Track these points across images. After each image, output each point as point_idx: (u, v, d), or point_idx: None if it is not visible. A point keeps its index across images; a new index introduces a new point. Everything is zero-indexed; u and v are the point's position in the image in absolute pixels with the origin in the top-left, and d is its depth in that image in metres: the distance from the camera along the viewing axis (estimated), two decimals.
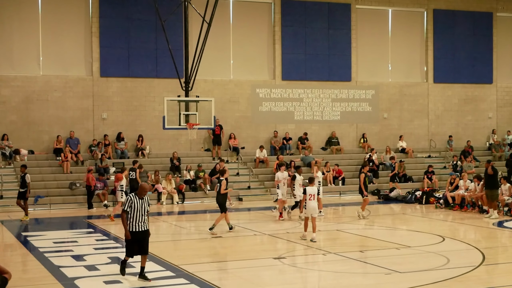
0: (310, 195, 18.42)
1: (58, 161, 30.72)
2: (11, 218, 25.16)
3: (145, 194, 13.27)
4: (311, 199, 18.33)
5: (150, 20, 31.82)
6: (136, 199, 13.05)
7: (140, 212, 13.05)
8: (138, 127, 32.81)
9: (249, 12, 35.03)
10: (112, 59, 32.37)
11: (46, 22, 31.73)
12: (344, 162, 34.36)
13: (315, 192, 18.74)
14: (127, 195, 15.36)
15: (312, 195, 18.43)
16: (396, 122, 37.67)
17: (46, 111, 31.54)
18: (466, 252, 16.80)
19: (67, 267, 15.11)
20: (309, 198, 18.34)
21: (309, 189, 18.50)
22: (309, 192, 18.48)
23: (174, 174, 31.10)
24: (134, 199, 13.05)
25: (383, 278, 13.79)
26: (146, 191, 13.29)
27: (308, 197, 18.40)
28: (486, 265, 15.02)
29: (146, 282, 13.13)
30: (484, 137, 39.48)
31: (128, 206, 13.02)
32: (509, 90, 40.07)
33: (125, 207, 13.08)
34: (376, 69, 37.44)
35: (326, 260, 15.93)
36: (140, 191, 13.15)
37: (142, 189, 13.21)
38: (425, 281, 13.18)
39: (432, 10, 38.13)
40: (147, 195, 13.41)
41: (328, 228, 21.27)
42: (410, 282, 13.05)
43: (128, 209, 13.00)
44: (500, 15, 39.63)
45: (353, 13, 36.52)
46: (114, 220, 22.70)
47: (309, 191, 18.47)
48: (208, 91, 32.49)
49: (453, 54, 38.59)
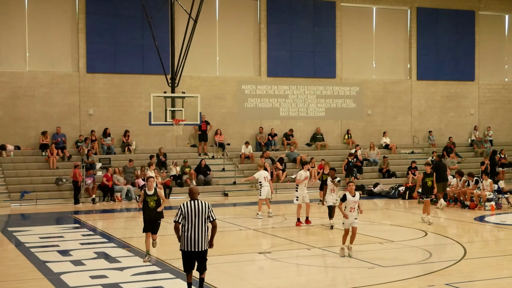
0: (354, 202, 15.04)
1: (45, 156, 30.56)
2: None
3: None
4: (352, 210, 15.04)
5: (136, 16, 31.72)
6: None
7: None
8: (125, 123, 32.70)
9: (235, 9, 34.99)
10: (98, 55, 32.22)
11: (33, 18, 31.52)
12: (328, 158, 34.27)
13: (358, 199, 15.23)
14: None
15: (354, 205, 15.06)
16: (380, 118, 37.78)
17: (33, 107, 31.36)
18: (448, 247, 16.91)
19: (53, 262, 15.06)
20: (350, 209, 15.04)
21: (350, 197, 15.06)
22: (351, 200, 15.05)
23: (160, 169, 31.03)
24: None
25: (367, 272, 13.83)
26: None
27: (348, 209, 15.05)
28: (468, 259, 15.11)
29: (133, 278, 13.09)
30: (466, 134, 39.70)
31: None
32: (490, 87, 40.30)
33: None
34: (361, 66, 37.53)
35: (310, 255, 15.96)
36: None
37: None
38: (408, 275, 13.26)
39: (415, 8, 38.25)
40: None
41: (313, 222, 21.28)
42: (393, 276, 13.11)
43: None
44: (482, 14, 39.81)
45: (338, 10, 36.57)
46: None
47: (351, 199, 15.04)
48: (194, 87, 32.44)
49: (436, 51, 38.75)
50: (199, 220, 11.01)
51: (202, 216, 11.06)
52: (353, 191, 14.99)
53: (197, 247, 11.00)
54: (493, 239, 18.73)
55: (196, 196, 11.35)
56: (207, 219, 11.11)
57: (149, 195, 14.99)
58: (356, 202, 14.95)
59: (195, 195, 11.36)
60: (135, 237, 19.38)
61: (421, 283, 12.52)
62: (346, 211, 14.89)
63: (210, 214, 11.13)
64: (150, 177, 15.57)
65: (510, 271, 14.18)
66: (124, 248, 17.05)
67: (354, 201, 14.94)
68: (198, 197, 11.38)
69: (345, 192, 15.29)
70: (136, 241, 18.39)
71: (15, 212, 26.02)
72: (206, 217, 11.10)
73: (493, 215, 22.90)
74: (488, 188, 24.70)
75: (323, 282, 13.26)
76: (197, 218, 11.01)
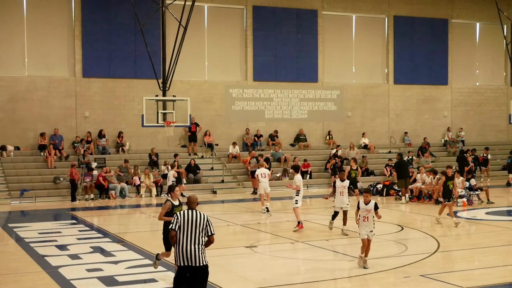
0: (367, 211, 13.38)
1: (43, 156, 30.47)
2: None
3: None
4: (365, 220, 13.43)
5: (129, 24, 31.64)
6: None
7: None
8: (118, 124, 32.64)
9: (223, 17, 34.99)
10: (93, 61, 32.14)
11: (31, 25, 31.40)
12: (311, 158, 34.48)
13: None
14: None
15: (366, 214, 13.42)
16: (359, 120, 37.90)
17: (31, 110, 31.23)
18: (423, 240, 17.00)
19: (51, 256, 15.05)
20: (363, 219, 13.45)
21: (363, 204, 13.50)
22: (363, 208, 13.46)
23: (152, 169, 31.03)
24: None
25: (347, 264, 13.91)
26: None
27: (362, 218, 13.48)
28: (441, 252, 15.23)
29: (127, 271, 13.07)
30: (440, 134, 39.90)
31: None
32: (462, 91, 40.53)
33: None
34: (341, 71, 37.62)
35: (294, 249, 16.03)
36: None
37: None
38: (385, 267, 13.34)
39: (392, 17, 38.41)
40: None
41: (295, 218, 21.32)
42: (372, 268, 13.18)
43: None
44: (455, 22, 40.03)
45: (320, 18, 36.66)
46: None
47: (363, 207, 13.48)
48: (184, 91, 32.41)
49: (412, 57, 38.92)
50: (195, 232, 9.39)
51: (198, 228, 9.42)
52: (368, 200, 13.34)
53: (193, 261, 9.26)
54: (464, 233, 18.86)
55: (195, 205, 9.77)
56: (204, 233, 9.47)
57: (176, 205, 12.38)
58: (368, 211, 13.20)
59: (193, 204, 9.77)
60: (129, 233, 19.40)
61: (398, 274, 12.61)
62: (360, 220, 13.32)
63: (209, 228, 9.50)
64: (176, 185, 13.06)
65: (481, 263, 14.30)
66: (119, 242, 17.05)
67: (366, 210, 13.25)
68: (197, 207, 9.80)
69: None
70: (130, 236, 18.40)
71: (15, 209, 25.92)
72: (203, 230, 9.44)
73: (465, 211, 23.05)
74: (460, 185, 24.87)
75: (305, 274, 13.34)
76: (193, 229, 9.39)
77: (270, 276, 12.82)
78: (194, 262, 9.23)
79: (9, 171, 29.25)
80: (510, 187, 32.11)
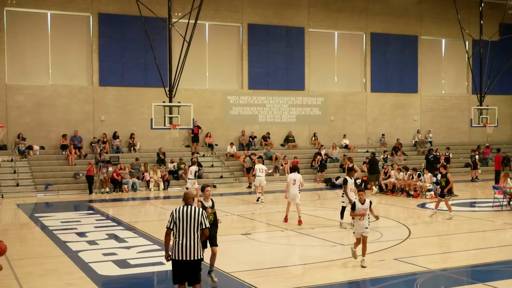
0: (364, 210, 12.08)
1: (64, 155, 30.42)
2: (26, 202, 24.90)
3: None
4: (361, 219, 12.03)
5: (140, 39, 31.59)
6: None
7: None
8: (130, 127, 32.59)
9: (222, 33, 34.98)
10: (109, 71, 32.10)
11: (55, 41, 31.34)
12: (299, 156, 34.47)
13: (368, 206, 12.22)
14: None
15: (363, 211, 12.08)
16: (341, 123, 37.94)
17: (54, 114, 31.17)
18: (396, 228, 17.05)
19: (72, 242, 15.04)
20: (359, 218, 12.03)
21: (360, 204, 12.15)
22: (360, 208, 12.10)
23: (160, 166, 31.01)
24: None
25: (329, 249, 13.95)
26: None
27: (357, 217, 12.04)
28: (412, 239, 15.27)
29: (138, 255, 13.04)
30: (411, 136, 39.97)
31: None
32: (430, 98, 40.63)
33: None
34: (325, 81, 37.65)
35: (284, 236, 16.05)
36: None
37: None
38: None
39: (369, 34, 38.47)
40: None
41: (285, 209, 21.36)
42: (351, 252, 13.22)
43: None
44: (424, 38, 40.13)
45: (306, 35, 36.68)
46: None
47: (360, 206, 12.11)
48: (188, 98, 32.37)
49: (386, 69, 38.99)
50: (190, 226, 8.61)
51: (194, 223, 8.62)
52: (363, 199, 12.07)
53: (188, 255, 8.56)
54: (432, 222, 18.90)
55: (190, 201, 8.90)
56: (200, 226, 8.68)
57: (208, 206, 10.73)
58: (365, 210, 11.99)
59: (189, 200, 8.90)
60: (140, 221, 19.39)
61: (374, 257, 12.63)
62: (356, 219, 12.07)
63: (203, 221, 8.70)
64: (207, 185, 10.90)
65: (445, 248, 14.36)
66: (131, 230, 17.05)
67: (363, 209, 11.99)
68: (192, 202, 8.98)
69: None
70: (140, 224, 18.39)
71: (40, 201, 25.89)
72: (198, 224, 8.66)
73: (432, 203, 23.09)
74: (428, 180, 24.94)
75: (294, 258, 13.37)
76: (188, 224, 8.61)
77: (263, 259, 12.85)
78: (188, 256, 8.56)
79: (35, 168, 29.19)
80: (473, 182, 32.23)
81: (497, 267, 12.23)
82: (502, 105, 41.28)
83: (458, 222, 18.18)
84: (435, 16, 39.99)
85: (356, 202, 12.19)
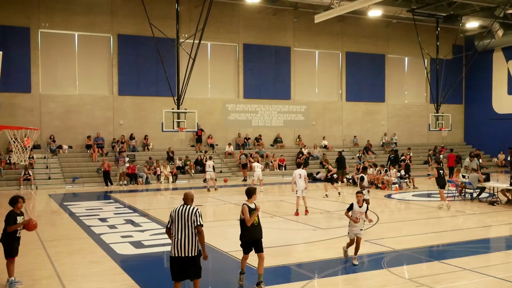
0: (360, 213, 10.75)
1: (89, 153, 30.30)
2: (56, 193, 24.78)
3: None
4: (357, 221, 10.68)
5: (153, 56, 31.49)
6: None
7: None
8: (145, 130, 32.50)
9: (221, 52, 34.93)
10: (126, 83, 31.99)
11: (81, 57, 31.21)
12: (286, 154, 34.53)
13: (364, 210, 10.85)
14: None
15: (359, 216, 10.73)
16: (321, 127, 37.97)
17: (80, 119, 31.03)
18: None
19: (95, 226, 15.00)
20: (355, 220, 10.66)
21: (357, 207, 10.80)
22: (357, 210, 10.76)
23: (169, 162, 30.94)
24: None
25: (312, 232, 13.96)
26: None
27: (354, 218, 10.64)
28: (380, 224, 15.31)
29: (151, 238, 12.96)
30: (379, 138, 40.05)
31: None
32: (395, 106, 40.71)
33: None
34: (307, 92, 37.66)
35: (273, 221, 16.05)
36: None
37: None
38: (339, 234, 13.39)
39: (345, 52, 38.51)
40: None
41: (275, 199, 21.39)
42: (330, 235, 13.27)
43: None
44: (390, 56, 40.20)
45: (292, 53, 36.69)
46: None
47: (357, 209, 10.77)
48: (193, 105, 32.31)
49: (359, 82, 39.02)
50: (185, 224, 7.82)
51: (188, 221, 7.84)
52: (361, 202, 10.72)
53: (184, 251, 7.74)
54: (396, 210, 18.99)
55: (189, 201, 8.06)
56: (193, 224, 7.85)
57: (253, 209, 9.34)
58: (362, 213, 10.68)
59: (188, 200, 8.07)
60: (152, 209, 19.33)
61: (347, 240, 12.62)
62: (350, 221, 10.74)
63: (195, 218, 7.85)
64: (253, 188, 9.49)
65: (407, 231, 14.40)
66: (145, 216, 17.01)
67: (360, 212, 10.67)
68: (191, 202, 8.10)
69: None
70: (153, 211, 18.34)
71: (68, 191, 25.78)
72: (192, 222, 7.84)
73: (397, 194, 23.20)
74: (393, 175, 25.00)
75: (281, 239, 13.36)
76: (182, 222, 7.84)
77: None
78: (185, 252, 7.73)
79: (64, 164, 29.06)
80: (428, 177, 32.27)
81: (451, 247, 12.29)
82: (455, 113, 41.63)
83: (418, 210, 18.24)
84: (400, 38, 40.08)
85: (354, 204, 10.76)
